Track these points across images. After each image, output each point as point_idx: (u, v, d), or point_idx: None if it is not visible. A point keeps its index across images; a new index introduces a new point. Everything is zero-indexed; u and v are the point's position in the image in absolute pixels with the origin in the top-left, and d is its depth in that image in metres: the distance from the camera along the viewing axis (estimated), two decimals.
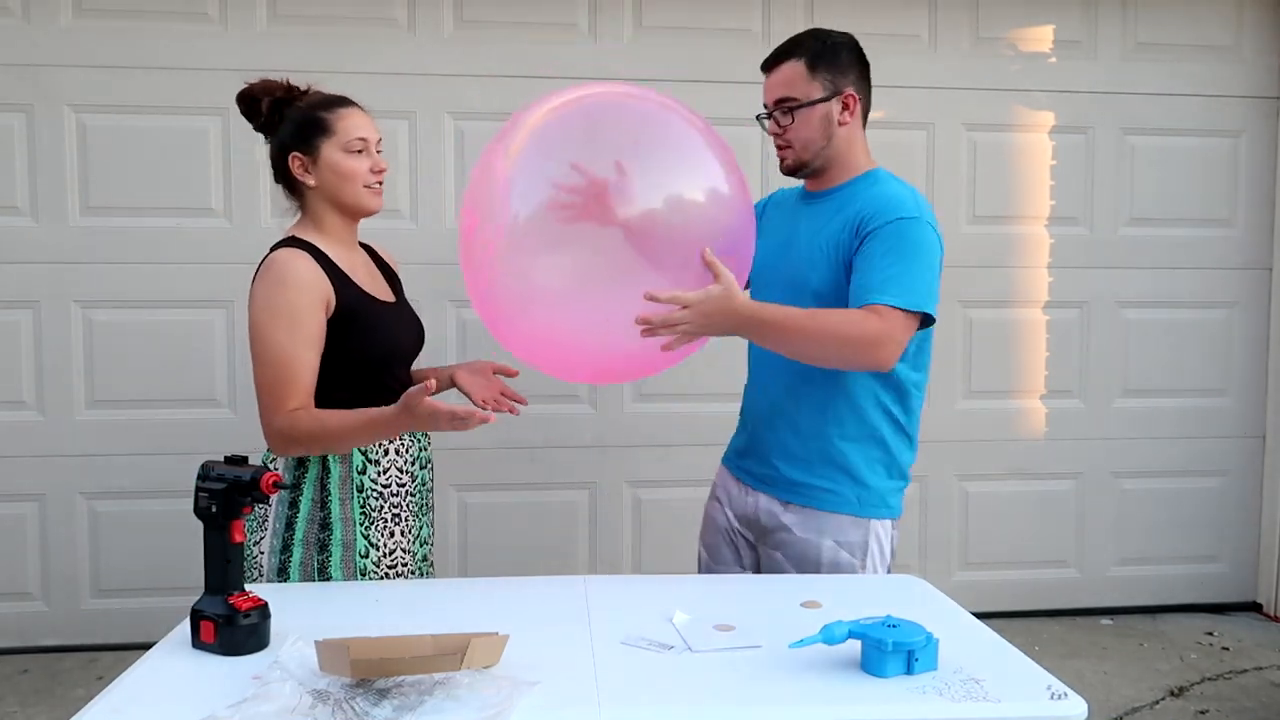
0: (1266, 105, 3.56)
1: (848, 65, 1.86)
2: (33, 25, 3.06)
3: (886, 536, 1.91)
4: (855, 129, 1.87)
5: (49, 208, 3.10)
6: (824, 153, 1.85)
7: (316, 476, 1.79)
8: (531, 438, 3.29)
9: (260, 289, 1.73)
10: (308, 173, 1.80)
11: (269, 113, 1.82)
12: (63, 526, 3.17)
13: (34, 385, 3.14)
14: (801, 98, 1.82)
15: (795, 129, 1.84)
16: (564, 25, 3.25)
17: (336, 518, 1.79)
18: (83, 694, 2.81)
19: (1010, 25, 3.44)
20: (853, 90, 1.85)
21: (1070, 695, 1.24)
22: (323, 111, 1.81)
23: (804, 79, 1.83)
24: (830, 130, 1.84)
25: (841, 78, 1.84)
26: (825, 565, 1.85)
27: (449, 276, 3.22)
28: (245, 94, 1.84)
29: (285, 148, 1.80)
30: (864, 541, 1.85)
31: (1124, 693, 3.00)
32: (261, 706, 1.16)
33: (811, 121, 1.83)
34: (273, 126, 1.82)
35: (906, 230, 1.74)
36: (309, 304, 1.72)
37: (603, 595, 1.63)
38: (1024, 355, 3.53)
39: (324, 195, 1.82)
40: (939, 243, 1.80)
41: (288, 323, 1.70)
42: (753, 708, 1.22)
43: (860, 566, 1.85)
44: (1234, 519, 3.68)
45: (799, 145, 1.85)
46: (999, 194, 3.47)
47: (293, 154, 1.79)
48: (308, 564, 1.78)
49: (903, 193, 1.81)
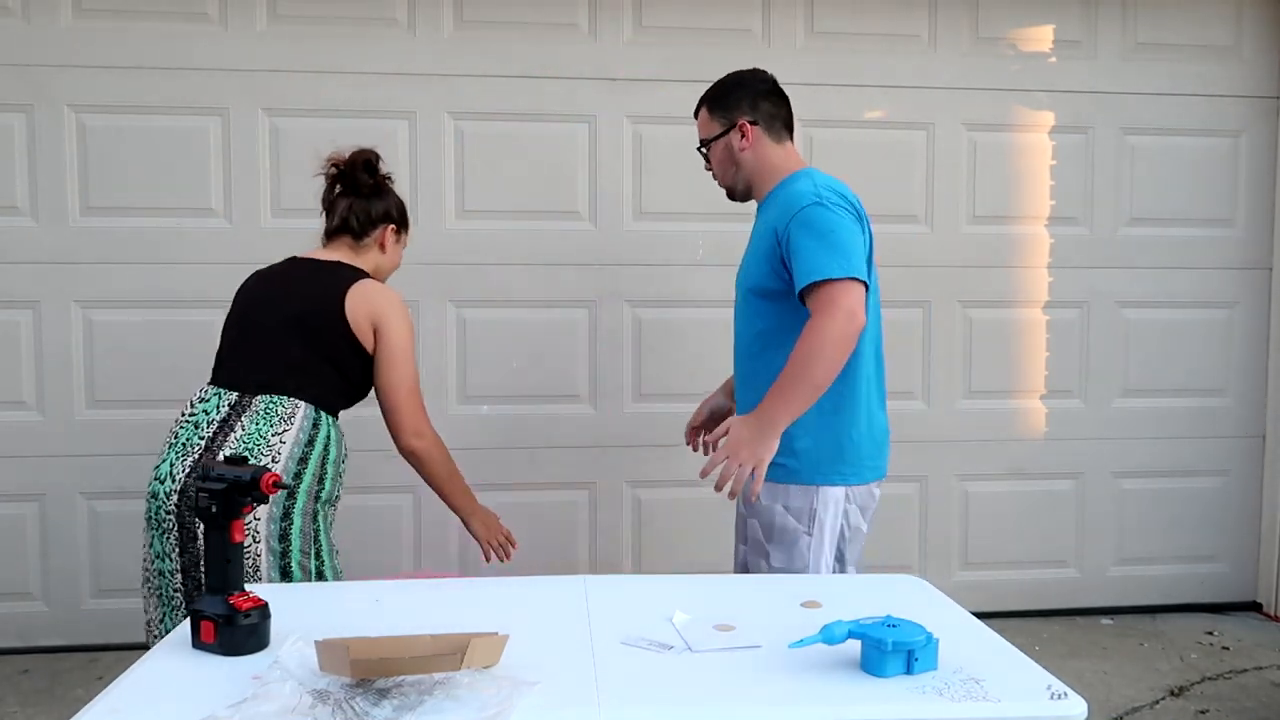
0: (1266, 105, 3.56)
1: (737, 99, 2.10)
2: (33, 25, 3.06)
3: (838, 504, 2.03)
4: (761, 147, 2.09)
5: (49, 208, 3.10)
6: (739, 175, 2.12)
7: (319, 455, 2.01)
8: (531, 438, 3.29)
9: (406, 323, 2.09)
10: (390, 241, 2.21)
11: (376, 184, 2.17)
12: (62, 526, 3.17)
13: (34, 385, 3.14)
14: (706, 137, 2.13)
15: (713, 163, 2.15)
16: (564, 25, 3.25)
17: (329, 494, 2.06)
18: (83, 694, 2.81)
19: (1010, 25, 3.44)
20: (745, 118, 2.08)
21: (1070, 695, 1.24)
22: (407, 215, 2.27)
23: (707, 121, 2.13)
24: (735, 157, 2.10)
25: (733, 111, 2.09)
26: (776, 530, 2.03)
27: (449, 276, 3.24)
28: (361, 161, 2.15)
29: (389, 218, 2.19)
30: (810, 508, 2.01)
31: (1124, 693, 3.00)
32: (261, 706, 1.16)
33: (718, 154, 2.12)
34: (367, 193, 2.17)
35: (809, 217, 1.91)
36: None
37: (603, 595, 1.63)
38: (1024, 355, 3.53)
39: (381, 260, 2.21)
40: (846, 214, 1.94)
41: (415, 354, 2.11)
42: (753, 708, 1.21)
43: (807, 533, 2.01)
44: (1234, 519, 3.68)
45: (719, 175, 2.15)
46: (999, 194, 3.47)
47: (393, 226, 2.20)
48: (306, 532, 1.97)
49: (803, 187, 1.98)
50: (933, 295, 3.45)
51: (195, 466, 1.92)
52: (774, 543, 2.04)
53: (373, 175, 2.16)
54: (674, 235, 3.32)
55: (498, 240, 3.26)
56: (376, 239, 2.17)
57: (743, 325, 2.13)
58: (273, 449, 1.93)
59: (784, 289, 1.96)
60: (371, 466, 3.24)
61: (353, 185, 2.15)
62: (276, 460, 1.93)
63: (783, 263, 1.95)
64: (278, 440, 1.94)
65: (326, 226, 2.18)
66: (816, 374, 1.82)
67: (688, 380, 3.19)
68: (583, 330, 3.31)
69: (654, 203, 3.31)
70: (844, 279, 1.84)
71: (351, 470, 3.14)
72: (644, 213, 3.32)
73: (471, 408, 3.27)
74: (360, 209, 2.15)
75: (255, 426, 1.94)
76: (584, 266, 3.28)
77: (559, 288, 3.29)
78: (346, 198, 2.15)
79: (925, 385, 3.47)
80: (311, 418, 1.99)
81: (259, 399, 1.98)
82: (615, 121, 3.28)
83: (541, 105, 3.25)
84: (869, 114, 3.40)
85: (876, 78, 3.37)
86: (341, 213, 2.15)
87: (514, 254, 3.26)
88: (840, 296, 1.83)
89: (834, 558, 2.06)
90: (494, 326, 3.27)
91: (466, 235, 3.24)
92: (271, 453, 1.92)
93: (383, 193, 2.18)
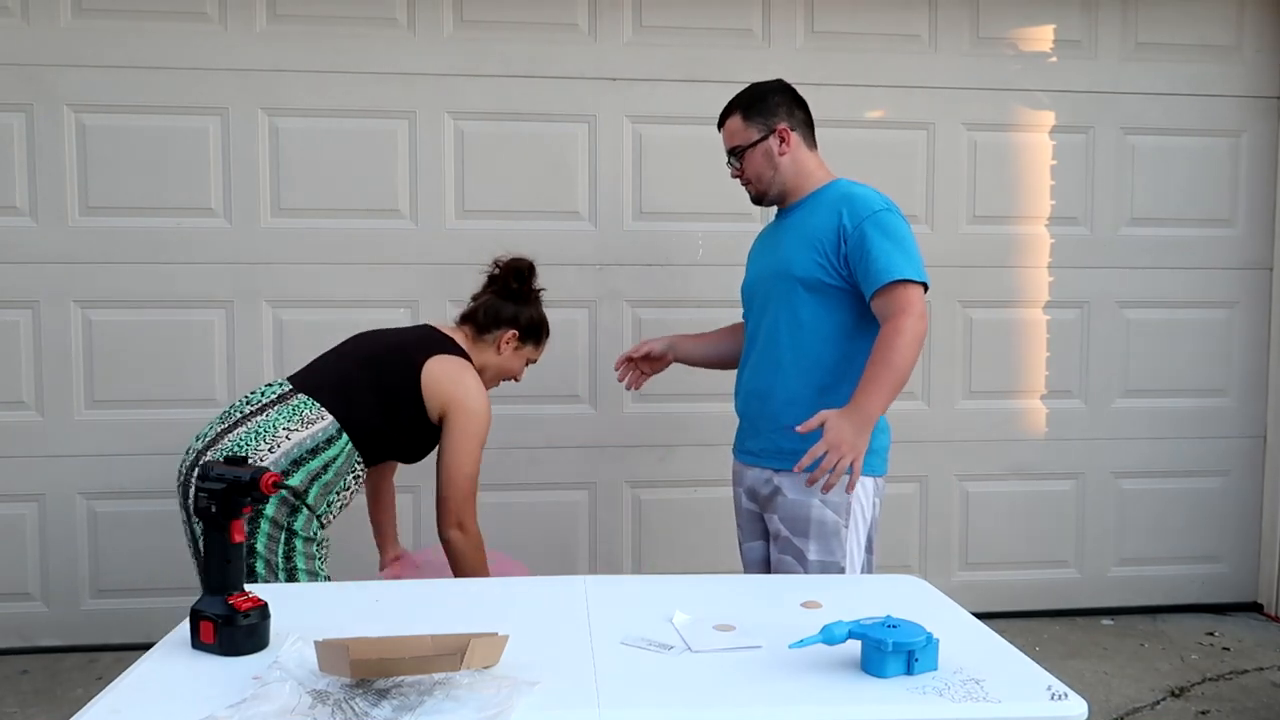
0: (1266, 105, 3.56)
1: (776, 106, 2.17)
2: (33, 25, 3.06)
3: (868, 495, 2.10)
4: (798, 154, 2.17)
5: (49, 208, 3.10)
6: (775, 179, 2.18)
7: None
8: (531, 438, 3.29)
9: (482, 418, 2.12)
10: (508, 347, 2.28)
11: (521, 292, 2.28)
12: (62, 526, 3.17)
13: (34, 385, 3.14)
14: (743, 143, 2.18)
15: (747, 168, 2.19)
16: (564, 25, 3.25)
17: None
18: (82, 694, 2.81)
19: (1010, 25, 3.44)
20: (784, 124, 2.15)
21: (1070, 695, 1.24)
22: (546, 331, 2.36)
23: (741, 128, 2.18)
24: (774, 161, 2.17)
25: (772, 117, 2.16)
26: (814, 524, 2.07)
27: (449, 276, 3.24)
28: (521, 269, 2.29)
29: (515, 323, 2.28)
30: (846, 501, 2.06)
31: (1124, 693, 3.00)
32: (261, 706, 1.16)
33: (755, 159, 2.18)
34: (515, 297, 2.28)
35: (884, 221, 2.01)
36: None
37: (603, 595, 1.63)
38: (1024, 355, 3.53)
39: (493, 361, 2.28)
40: (908, 224, 2.08)
41: (481, 452, 2.13)
42: (753, 708, 1.21)
43: (845, 524, 2.07)
44: (1234, 519, 3.68)
45: (754, 180, 2.20)
46: (999, 194, 3.47)
47: (515, 332, 2.28)
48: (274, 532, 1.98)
49: (866, 193, 2.08)
50: (933, 295, 3.40)
51: (223, 436, 1.99)
52: (812, 537, 2.07)
53: (520, 283, 2.28)
54: (674, 235, 3.32)
55: (498, 240, 3.25)
56: (496, 339, 2.27)
57: (778, 313, 2.14)
58: (277, 439, 1.96)
59: (832, 284, 2.06)
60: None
61: (501, 287, 2.28)
62: (275, 449, 1.94)
63: (841, 259, 2.04)
64: (285, 434, 1.97)
65: (461, 313, 2.33)
66: (904, 369, 1.91)
67: (687, 380, 3.18)
68: (583, 330, 3.31)
69: (654, 203, 3.31)
70: (919, 282, 1.97)
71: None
72: (644, 213, 3.32)
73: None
74: (491, 305, 2.27)
75: (277, 416, 2.00)
76: (584, 266, 3.28)
77: (559, 288, 3.28)
78: (489, 291, 2.30)
79: (925, 385, 3.47)
80: (330, 434, 2.01)
81: (299, 396, 2.04)
82: (615, 121, 3.28)
83: (541, 105, 3.25)
84: (869, 114, 3.40)
85: (876, 78, 3.37)
86: (476, 303, 2.29)
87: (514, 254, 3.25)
88: (917, 299, 1.95)
89: (865, 549, 2.12)
90: None
91: (466, 235, 3.24)
92: (274, 441, 1.94)
93: (522, 300, 2.29)
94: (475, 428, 2.10)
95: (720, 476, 3.40)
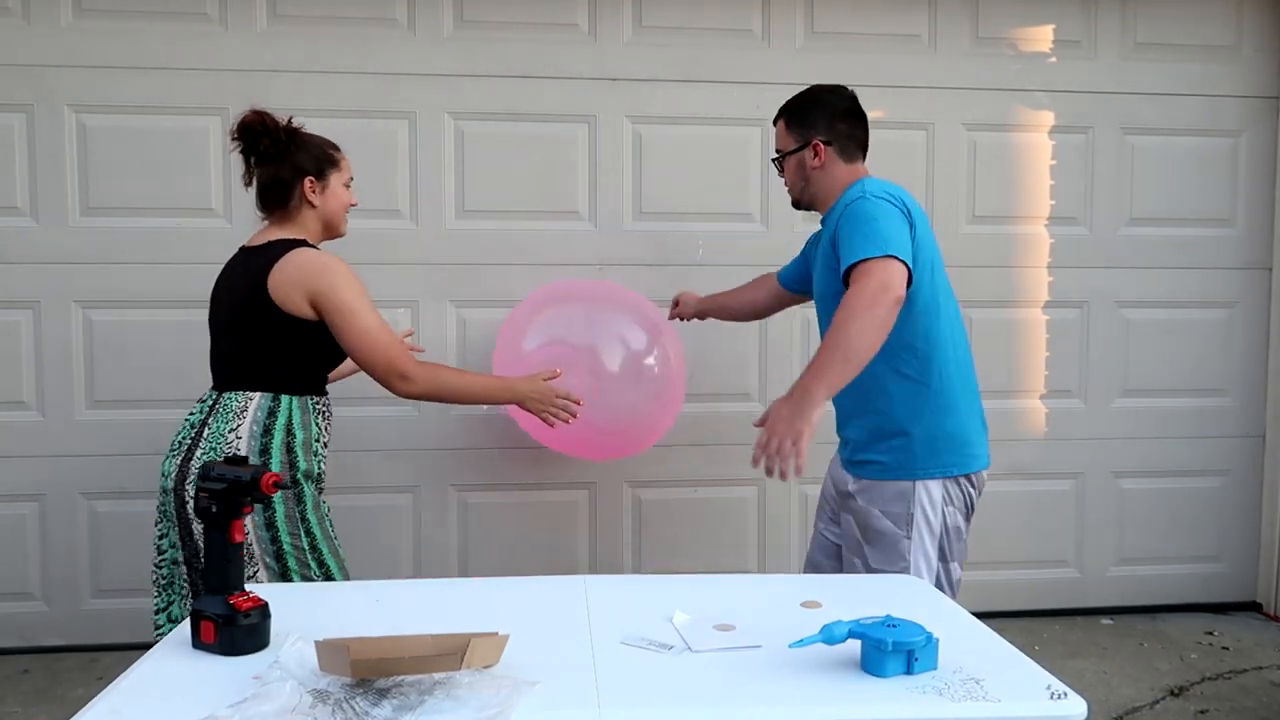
0: (1266, 105, 3.56)
1: (815, 118, 2.15)
2: (33, 25, 3.06)
3: (934, 503, 2.03)
4: (831, 167, 2.15)
5: (49, 208, 3.10)
6: (807, 190, 2.20)
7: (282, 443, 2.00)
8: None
9: (344, 280, 1.99)
10: (315, 195, 2.09)
11: (273, 143, 2.06)
12: (63, 526, 3.17)
13: (34, 385, 3.14)
14: (783, 149, 2.22)
15: (785, 174, 2.23)
16: (564, 25, 3.25)
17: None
18: (83, 694, 2.81)
19: (1010, 25, 3.44)
20: (820, 138, 2.13)
21: (1070, 695, 1.24)
22: (331, 150, 2.14)
23: (784, 134, 2.21)
24: (806, 173, 2.17)
25: (809, 129, 2.15)
26: (873, 533, 2.05)
27: (449, 276, 3.24)
28: (250, 124, 2.05)
29: (301, 172, 2.07)
30: (906, 512, 2.02)
31: (1124, 692, 3.00)
32: (261, 706, 1.16)
33: (792, 168, 2.20)
34: (272, 155, 2.07)
35: (850, 212, 1.96)
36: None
37: (603, 595, 1.63)
38: (1024, 355, 3.53)
39: (319, 215, 2.12)
40: (887, 205, 1.94)
41: (370, 304, 2.02)
42: (753, 708, 1.21)
43: (906, 536, 2.02)
44: (1234, 519, 3.68)
45: (789, 186, 2.24)
46: (999, 194, 3.47)
47: (309, 178, 2.08)
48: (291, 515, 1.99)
49: (851, 193, 2.03)
50: None
51: (181, 468, 1.97)
52: (872, 545, 2.05)
53: (268, 136, 2.05)
54: (674, 235, 3.32)
55: (498, 240, 3.26)
56: (300, 198, 2.07)
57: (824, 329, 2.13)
58: (231, 446, 1.96)
59: None
60: (371, 466, 3.25)
61: (259, 157, 2.07)
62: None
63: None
64: (234, 435, 1.96)
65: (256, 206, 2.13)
66: (852, 345, 1.77)
67: (687, 380, 3.19)
68: None
69: (654, 203, 3.31)
70: (879, 257, 1.82)
71: (352, 470, 3.16)
72: (644, 213, 3.32)
73: (472, 407, 3.26)
74: (269, 176, 2.07)
75: (217, 424, 1.98)
76: (584, 266, 3.28)
77: None
78: (257, 167, 2.08)
79: None
80: (266, 406, 2.00)
81: (224, 396, 2.02)
82: (615, 121, 3.29)
83: (541, 105, 3.25)
84: (869, 114, 3.39)
85: (876, 78, 3.36)
86: (257, 186, 2.08)
87: (514, 254, 3.26)
88: (874, 269, 1.81)
89: (936, 557, 2.05)
90: (494, 327, 3.26)
91: (466, 235, 3.24)
92: (230, 450, 1.94)
93: (288, 149, 2.06)
94: (348, 289, 1.98)
95: (720, 476, 3.42)
